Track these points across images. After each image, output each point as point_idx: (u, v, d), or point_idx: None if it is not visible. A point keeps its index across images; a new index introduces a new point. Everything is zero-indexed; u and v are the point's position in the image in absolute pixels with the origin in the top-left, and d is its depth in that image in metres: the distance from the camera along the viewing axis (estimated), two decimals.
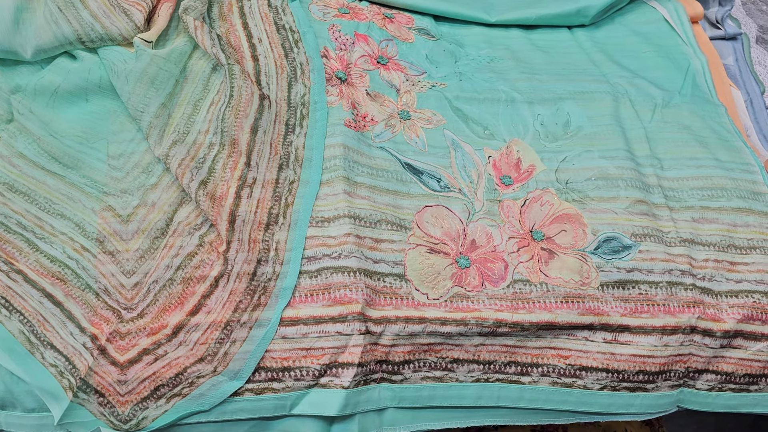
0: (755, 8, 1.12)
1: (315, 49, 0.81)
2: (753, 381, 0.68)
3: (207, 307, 0.62)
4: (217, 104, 0.73)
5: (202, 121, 0.72)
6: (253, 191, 0.68)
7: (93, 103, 0.76)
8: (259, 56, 0.79)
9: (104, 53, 0.77)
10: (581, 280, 0.66)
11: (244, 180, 0.68)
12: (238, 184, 0.67)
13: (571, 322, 0.65)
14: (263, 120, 0.72)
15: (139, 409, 0.60)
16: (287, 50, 0.80)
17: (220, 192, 0.66)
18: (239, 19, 0.83)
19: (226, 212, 0.65)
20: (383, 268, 0.65)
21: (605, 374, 0.66)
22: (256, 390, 0.62)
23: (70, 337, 0.60)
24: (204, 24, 0.78)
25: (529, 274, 0.66)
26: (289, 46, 0.80)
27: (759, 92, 0.93)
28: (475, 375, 0.65)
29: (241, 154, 0.69)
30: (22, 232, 0.66)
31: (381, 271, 0.65)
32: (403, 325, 0.63)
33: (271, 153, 0.71)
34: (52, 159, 0.71)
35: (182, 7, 0.80)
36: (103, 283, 0.63)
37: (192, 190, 0.67)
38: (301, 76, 0.77)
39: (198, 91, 0.75)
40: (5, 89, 0.76)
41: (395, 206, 0.70)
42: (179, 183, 0.68)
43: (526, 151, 0.76)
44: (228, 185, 0.67)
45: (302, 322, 0.62)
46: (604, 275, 0.67)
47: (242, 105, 0.72)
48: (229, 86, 0.74)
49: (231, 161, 0.69)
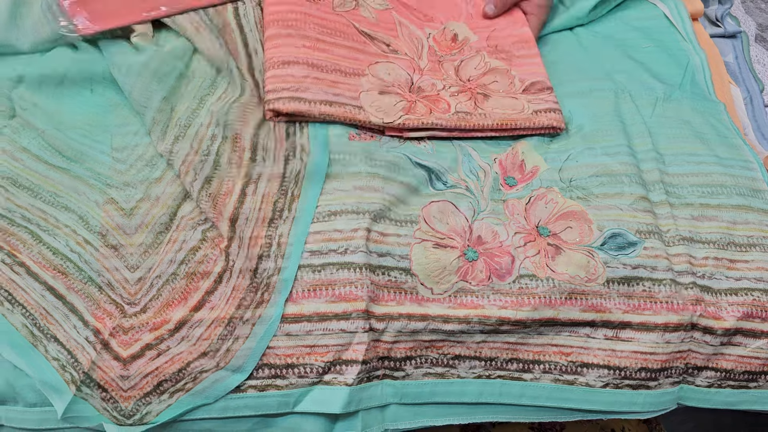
0: (754, 6, 1.13)
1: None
2: (752, 378, 0.69)
3: (210, 303, 0.62)
4: (224, 99, 0.73)
5: (206, 114, 0.72)
6: (258, 186, 0.68)
7: (97, 94, 0.76)
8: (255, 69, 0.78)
9: (104, 45, 0.77)
10: (587, 276, 0.66)
11: (249, 177, 0.68)
12: (244, 181, 0.67)
13: (573, 319, 0.65)
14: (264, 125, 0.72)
15: (142, 404, 0.60)
16: None
17: (226, 189, 0.66)
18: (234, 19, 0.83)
19: (228, 210, 0.65)
20: (389, 261, 0.65)
21: (607, 371, 0.66)
22: (260, 387, 0.62)
23: (73, 330, 0.60)
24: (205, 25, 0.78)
25: (536, 269, 0.66)
26: None
27: (758, 90, 0.93)
28: (477, 371, 0.66)
29: (245, 149, 0.69)
30: (26, 225, 0.66)
31: (386, 264, 0.65)
32: (406, 322, 0.63)
33: (277, 146, 0.71)
34: (56, 152, 0.71)
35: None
36: (107, 278, 0.63)
37: (195, 189, 0.66)
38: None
39: (206, 86, 0.75)
40: (7, 85, 0.75)
41: (404, 201, 0.70)
42: (181, 181, 0.68)
43: (530, 153, 0.76)
44: (234, 182, 0.67)
45: (306, 318, 0.62)
46: (611, 271, 0.67)
47: (252, 105, 0.73)
48: (240, 86, 0.74)
49: (236, 156, 0.69)
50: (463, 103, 0.74)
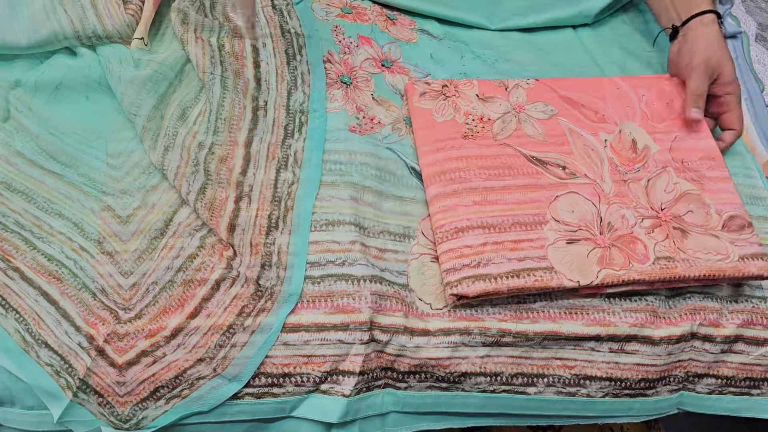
0: (754, 5, 1.12)
1: (318, 56, 0.80)
2: (755, 385, 0.69)
3: (207, 310, 0.61)
4: (204, 114, 0.73)
5: (192, 124, 0.72)
6: (252, 198, 0.67)
7: (93, 101, 0.76)
8: (261, 62, 0.77)
9: (102, 51, 0.76)
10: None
11: (241, 190, 0.67)
12: (237, 194, 0.67)
13: (577, 333, 0.65)
14: (258, 130, 0.72)
15: (138, 409, 0.60)
16: (290, 57, 0.78)
17: (219, 200, 0.66)
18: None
19: (225, 222, 0.65)
20: (389, 276, 0.65)
21: (608, 383, 0.66)
22: (257, 394, 0.61)
23: (65, 336, 0.60)
24: (201, 37, 0.77)
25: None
26: (292, 53, 0.79)
27: (758, 90, 0.93)
28: (482, 387, 0.65)
29: (235, 167, 0.69)
30: (19, 231, 0.65)
31: (388, 278, 0.65)
32: (409, 337, 0.63)
33: (269, 158, 0.70)
34: (50, 157, 0.71)
35: (176, 11, 0.79)
36: (101, 283, 0.63)
37: (191, 200, 0.66)
38: (302, 85, 0.76)
39: (190, 98, 0.75)
40: (3, 86, 0.75)
41: (401, 213, 0.69)
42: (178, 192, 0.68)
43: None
44: (226, 194, 0.67)
45: (304, 329, 0.62)
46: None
47: (234, 119, 0.72)
48: (220, 97, 0.73)
49: (225, 167, 0.68)
50: (661, 243, 0.67)
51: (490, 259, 0.64)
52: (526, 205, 0.68)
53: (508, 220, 0.67)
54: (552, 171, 0.71)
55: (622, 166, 0.73)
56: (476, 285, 0.62)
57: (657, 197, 0.71)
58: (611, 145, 0.74)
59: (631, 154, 0.74)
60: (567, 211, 0.68)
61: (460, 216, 0.66)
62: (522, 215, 0.67)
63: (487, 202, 0.68)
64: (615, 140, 0.75)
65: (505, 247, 0.65)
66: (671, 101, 0.79)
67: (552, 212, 0.68)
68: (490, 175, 0.70)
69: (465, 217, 0.66)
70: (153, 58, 0.76)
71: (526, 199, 0.69)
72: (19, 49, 0.76)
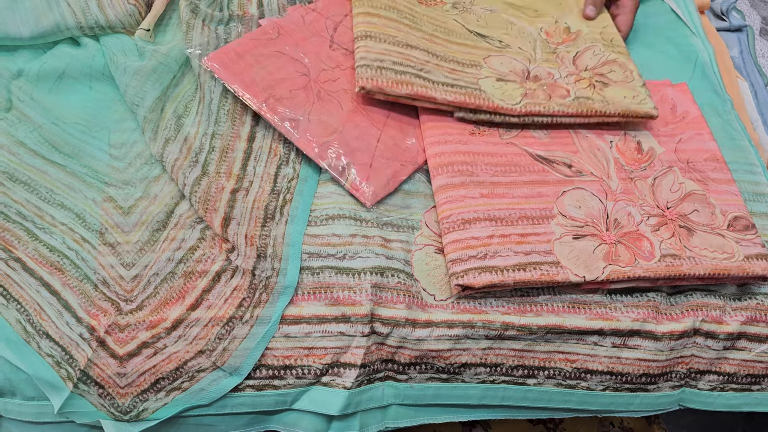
0: None
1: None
2: (755, 381, 0.69)
3: (208, 301, 0.61)
4: (207, 106, 0.72)
5: (195, 115, 0.72)
6: (249, 191, 0.67)
7: (96, 91, 0.76)
8: None
9: (105, 41, 0.76)
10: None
11: (240, 183, 0.67)
12: (234, 186, 0.67)
13: (580, 327, 0.65)
14: (260, 126, 0.72)
15: (139, 401, 0.60)
16: None
17: (215, 192, 0.66)
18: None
19: (219, 216, 0.65)
20: (395, 264, 0.64)
21: (609, 377, 0.66)
22: (257, 386, 0.61)
23: (66, 327, 0.60)
24: (208, 27, 0.77)
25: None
26: None
27: (762, 84, 0.92)
28: (482, 377, 0.65)
29: (235, 161, 0.69)
30: (21, 222, 0.65)
31: (394, 267, 0.64)
32: (411, 330, 0.63)
33: (270, 153, 0.70)
34: (53, 148, 0.71)
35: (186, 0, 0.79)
36: (102, 275, 0.63)
37: (186, 192, 0.66)
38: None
39: (193, 90, 0.75)
40: (5, 76, 0.74)
41: (403, 206, 0.69)
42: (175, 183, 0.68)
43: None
44: (222, 185, 0.66)
45: (305, 320, 0.62)
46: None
47: (237, 112, 0.72)
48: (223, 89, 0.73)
49: (224, 164, 0.68)
50: (667, 240, 0.67)
51: (496, 251, 0.63)
52: (533, 199, 0.68)
53: (515, 214, 0.66)
54: (558, 169, 0.71)
55: (628, 165, 0.73)
56: (482, 276, 0.62)
57: (663, 196, 0.70)
58: (617, 145, 0.74)
59: (637, 155, 0.74)
60: (574, 206, 0.68)
61: (468, 207, 0.66)
62: (529, 209, 0.67)
63: (494, 195, 0.67)
64: (620, 142, 0.75)
65: (511, 240, 0.65)
66: (674, 106, 0.79)
67: (559, 207, 0.68)
68: (496, 172, 0.70)
69: (472, 209, 0.66)
70: (157, 48, 0.75)
71: (533, 194, 0.68)
72: (21, 41, 0.76)
